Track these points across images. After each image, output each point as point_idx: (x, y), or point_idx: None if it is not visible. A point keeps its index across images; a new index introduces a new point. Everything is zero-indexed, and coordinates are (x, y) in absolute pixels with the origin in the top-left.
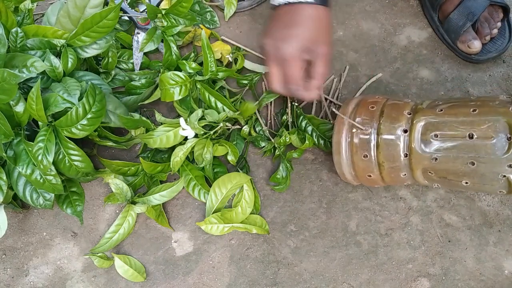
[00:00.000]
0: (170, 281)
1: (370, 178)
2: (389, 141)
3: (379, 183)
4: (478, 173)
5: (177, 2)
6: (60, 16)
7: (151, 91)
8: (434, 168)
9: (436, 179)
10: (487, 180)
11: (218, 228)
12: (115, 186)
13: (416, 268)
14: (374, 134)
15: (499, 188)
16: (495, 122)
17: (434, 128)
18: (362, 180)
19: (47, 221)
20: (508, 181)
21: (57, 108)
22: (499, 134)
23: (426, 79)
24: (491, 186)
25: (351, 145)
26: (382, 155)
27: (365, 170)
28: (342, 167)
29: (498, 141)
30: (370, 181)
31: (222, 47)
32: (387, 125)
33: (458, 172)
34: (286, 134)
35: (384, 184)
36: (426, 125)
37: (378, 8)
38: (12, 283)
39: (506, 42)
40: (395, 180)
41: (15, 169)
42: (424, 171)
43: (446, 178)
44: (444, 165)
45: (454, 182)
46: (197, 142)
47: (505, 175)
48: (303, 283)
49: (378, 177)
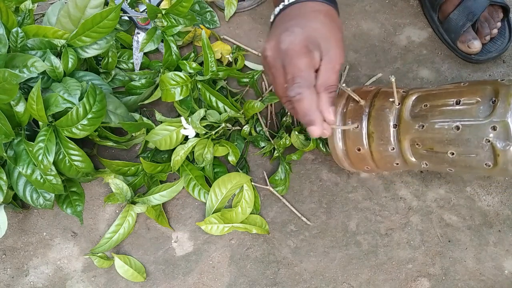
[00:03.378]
0: (170, 281)
1: (359, 152)
2: (381, 111)
3: (368, 162)
4: (463, 138)
5: (177, 2)
6: (61, 16)
7: (151, 91)
8: (421, 137)
9: (423, 153)
10: (472, 147)
11: (218, 228)
12: (115, 186)
13: (416, 268)
14: (367, 107)
15: (485, 159)
16: (483, 89)
17: (425, 100)
18: (351, 157)
19: (47, 221)
20: (493, 147)
21: (58, 108)
22: (484, 98)
23: (426, 79)
24: (477, 157)
25: (345, 115)
26: (372, 125)
27: (355, 142)
28: (334, 141)
29: (482, 105)
30: (359, 158)
31: (222, 47)
32: (382, 98)
33: (444, 139)
34: (286, 136)
35: (374, 165)
36: (419, 98)
37: (378, 8)
38: (12, 283)
39: (506, 42)
40: (384, 157)
41: (15, 169)
42: (412, 143)
43: (433, 150)
44: (431, 133)
45: (440, 155)
46: (198, 142)
47: (489, 140)
48: (303, 283)
49: (367, 153)
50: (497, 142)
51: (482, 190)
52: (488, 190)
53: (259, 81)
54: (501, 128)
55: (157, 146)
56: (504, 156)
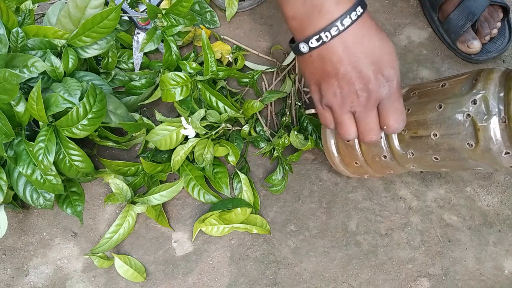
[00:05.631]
0: (170, 281)
1: (348, 144)
2: None
3: (357, 156)
4: (444, 117)
5: (177, 2)
6: (61, 16)
7: (151, 91)
8: (407, 121)
9: (408, 141)
10: (454, 125)
11: (218, 230)
12: (115, 186)
13: (416, 268)
14: None
15: (466, 137)
16: (468, 74)
17: (414, 89)
18: (341, 150)
19: (47, 221)
20: (473, 122)
21: (58, 108)
22: (468, 79)
23: (426, 79)
24: (458, 136)
25: None
26: None
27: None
28: (326, 136)
29: (465, 84)
30: (348, 150)
31: (222, 47)
32: None
33: (427, 120)
34: (286, 136)
35: (363, 159)
36: (409, 90)
37: (378, 8)
38: (12, 283)
39: (506, 42)
40: (371, 148)
41: (16, 169)
42: None
43: (417, 134)
44: (415, 116)
45: (424, 139)
46: (198, 142)
47: (469, 114)
48: (303, 283)
49: (355, 143)
50: (477, 116)
51: (482, 190)
52: (488, 190)
53: (259, 81)
54: (480, 102)
55: (157, 146)
56: (485, 132)
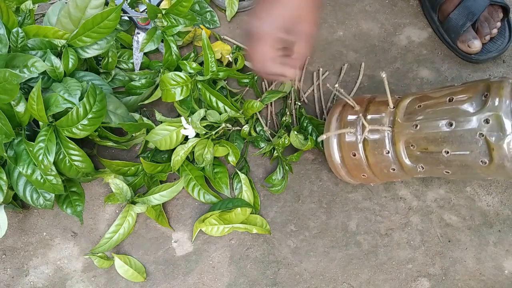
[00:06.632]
0: (170, 281)
1: (355, 158)
2: (375, 115)
3: (364, 169)
4: (456, 135)
5: (177, 2)
6: (61, 16)
7: (151, 91)
8: (415, 138)
9: (418, 155)
10: (466, 143)
11: (218, 229)
12: (115, 186)
13: (416, 268)
14: (362, 112)
15: (480, 155)
16: (475, 86)
17: (419, 101)
18: (347, 163)
19: (47, 221)
20: (487, 142)
21: (58, 108)
22: (476, 94)
23: (426, 79)
24: (472, 154)
25: (341, 121)
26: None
27: (350, 147)
28: (330, 149)
29: (474, 100)
30: (354, 164)
31: (222, 47)
32: (377, 104)
33: (438, 138)
34: (286, 136)
35: (370, 172)
36: (413, 100)
37: (378, 8)
38: (12, 283)
39: (506, 42)
40: (379, 161)
41: (16, 169)
42: (406, 145)
43: (427, 150)
44: (425, 132)
45: (435, 155)
46: (198, 142)
47: (482, 134)
48: (303, 283)
49: (362, 158)
50: (490, 136)
51: (482, 190)
52: (488, 190)
53: (259, 81)
54: (493, 121)
55: (157, 146)
56: (499, 150)
